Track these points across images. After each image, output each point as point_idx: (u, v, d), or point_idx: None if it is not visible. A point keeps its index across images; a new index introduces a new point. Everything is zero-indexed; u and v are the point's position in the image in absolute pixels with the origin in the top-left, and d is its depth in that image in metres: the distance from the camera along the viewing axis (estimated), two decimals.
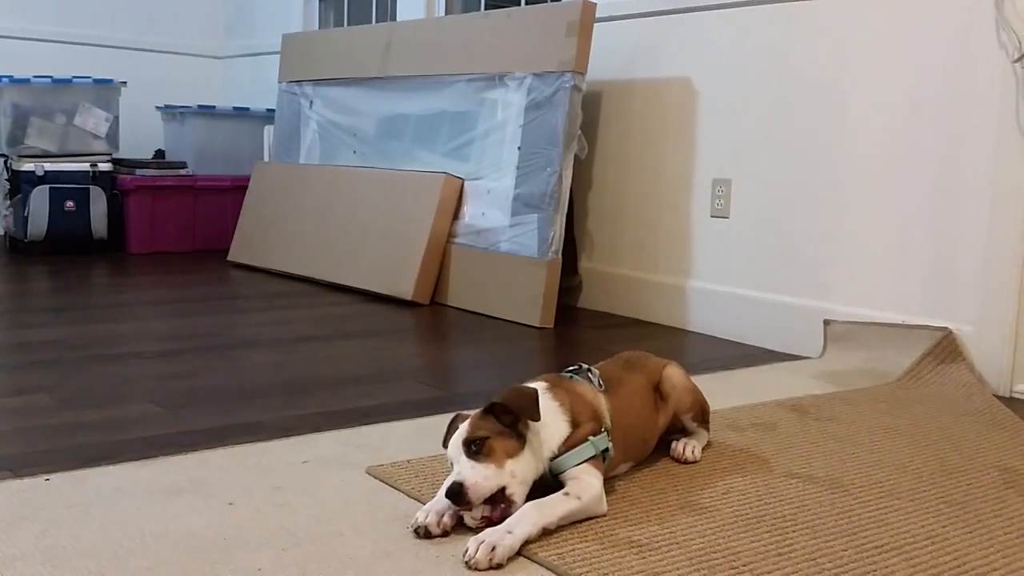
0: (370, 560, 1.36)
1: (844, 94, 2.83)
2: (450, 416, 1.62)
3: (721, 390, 2.28)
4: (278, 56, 4.67)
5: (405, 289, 3.54)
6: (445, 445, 1.56)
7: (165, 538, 1.41)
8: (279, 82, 4.61)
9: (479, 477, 1.44)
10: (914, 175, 2.68)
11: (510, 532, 1.38)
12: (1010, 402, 2.43)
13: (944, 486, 1.74)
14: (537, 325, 3.20)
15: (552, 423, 1.56)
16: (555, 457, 1.54)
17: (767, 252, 3.05)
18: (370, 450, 1.85)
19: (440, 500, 1.47)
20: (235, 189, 4.79)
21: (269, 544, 1.40)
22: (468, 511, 1.44)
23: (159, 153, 5.24)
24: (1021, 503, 1.67)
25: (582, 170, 3.58)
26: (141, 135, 5.26)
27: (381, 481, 1.67)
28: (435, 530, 1.43)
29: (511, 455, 1.48)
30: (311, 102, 4.41)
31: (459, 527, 1.46)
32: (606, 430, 1.60)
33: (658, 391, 1.83)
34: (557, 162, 3.25)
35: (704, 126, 3.23)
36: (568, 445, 1.55)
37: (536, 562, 1.36)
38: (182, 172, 4.87)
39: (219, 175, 4.90)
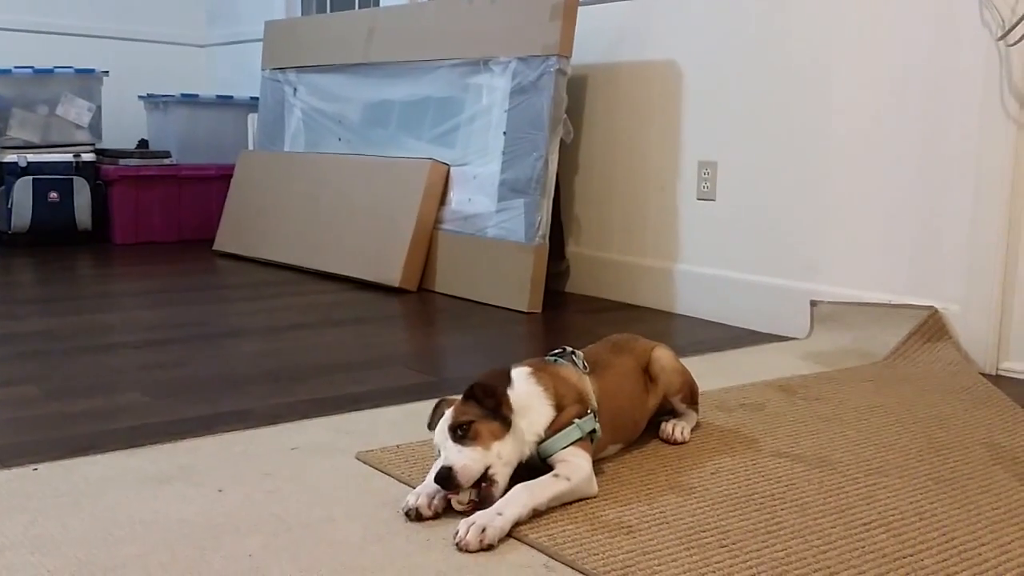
0: (361, 544, 1.36)
1: (829, 76, 2.83)
2: (437, 401, 1.62)
3: (709, 371, 2.28)
4: (261, 43, 4.64)
5: (392, 276, 3.53)
6: (431, 428, 1.56)
7: (154, 525, 1.41)
8: (262, 69, 4.59)
9: (467, 460, 1.44)
10: (899, 155, 2.69)
11: (500, 514, 1.38)
12: (996, 380, 2.44)
13: (931, 463, 1.75)
14: (525, 310, 3.20)
15: (537, 407, 1.56)
16: (541, 441, 1.55)
17: (753, 234, 3.05)
18: (359, 436, 1.85)
19: (430, 484, 1.47)
20: (220, 178, 4.77)
21: (259, 530, 1.40)
22: (456, 495, 1.45)
23: (142, 143, 5.22)
24: (1008, 479, 1.68)
25: (568, 154, 3.58)
26: (124, 125, 5.23)
27: (371, 466, 1.67)
28: (426, 512, 1.44)
29: (496, 437, 1.48)
30: (295, 89, 4.39)
31: (449, 509, 1.46)
32: (592, 412, 1.60)
33: (647, 373, 1.83)
34: (543, 147, 3.25)
35: (690, 109, 3.23)
36: (554, 428, 1.55)
37: (526, 543, 1.36)
38: (166, 162, 4.85)
39: (203, 164, 4.88)
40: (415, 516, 1.44)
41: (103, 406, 2.05)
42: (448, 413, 1.52)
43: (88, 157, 4.67)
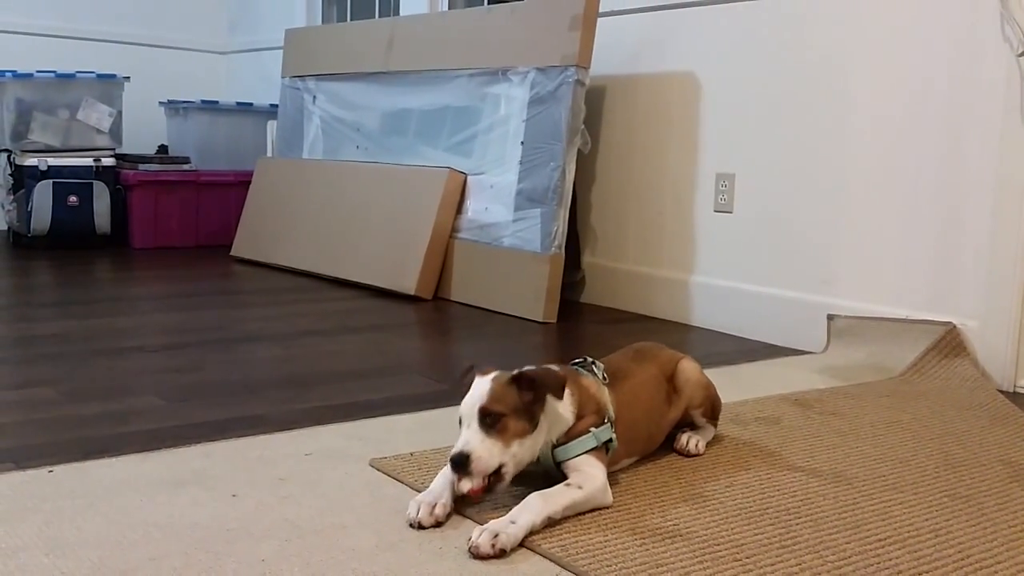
0: (373, 552, 1.36)
1: (848, 89, 2.83)
2: (469, 365, 1.61)
3: (725, 385, 2.26)
4: (281, 51, 4.66)
5: (408, 284, 3.54)
6: (460, 385, 1.56)
7: (168, 529, 1.41)
8: (282, 77, 4.61)
9: (486, 452, 1.45)
10: (918, 169, 2.68)
11: (513, 522, 1.38)
12: (1014, 397, 2.42)
13: (948, 480, 1.74)
14: (540, 320, 3.20)
15: (559, 412, 1.56)
16: (556, 446, 1.55)
17: (770, 247, 3.04)
18: (373, 443, 1.85)
19: (432, 491, 1.48)
20: (238, 184, 4.79)
21: (272, 536, 1.40)
22: (462, 480, 1.45)
23: (162, 148, 5.25)
24: None
25: (585, 165, 3.58)
26: (144, 130, 5.26)
27: (384, 474, 1.67)
28: (427, 521, 1.44)
29: (519, 436, 1.48)
30: (314, 97, 4.41)
31: (455, 518, 1.46)
32: (609, 422, 1.60)
33: (671, 383, 1.82)
34: (560, 157, 3.25)
35: (708, 120, 3.22)
36: (570, 436, 1.55)
37: (539, 553, 1.36)
38: (185, 167, 4.88)
39: (222, 170, 4.90)
40: (417, 526, 1.44)
41: (119, 409, 2.06)
42: (484, 390, 1.50)
43: (108, 162, 4.70)
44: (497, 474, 1.46)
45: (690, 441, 1.83)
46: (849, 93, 2.82)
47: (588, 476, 1.52)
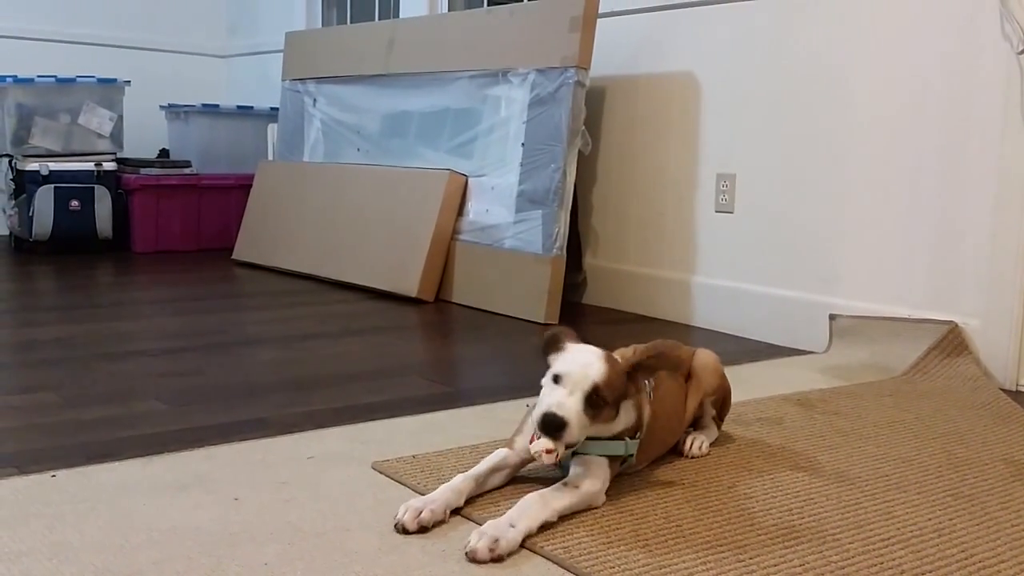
0: (376, 554, 1.36)
1: (848, 88, 2.82)
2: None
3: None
4: (281, 54, 4.67)
5: (410, 286, 3.54)
6: (548, 351, 1.55)
7: (171, 533, 1.41)
8: (282, 80, 4.62)
9: (579, 427, 1.45)
10: (919, 168, 2.67)
11: (513, 526, 1.38)
12: (1016, 395, 2.42)
13: (951, 479, 1.74)
14: (542, 321, 3.20)
15: (625, 420, 1.56)
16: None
17: (772, 247, 3.04)
18: (375, 446, 1.85)
19: (426, 497, 1.46)
20: (239, 188, 4.79)
21: (275, 539, 1.40)
22: (547, 443, 1.44)
23: (163, 152, 5.25)
24: None
25: (586, 166, 3.58)
26: (145, 134, 5.27)
27: (387, 476, 1.67)
28: (411, 526, 1.42)
29: (600, 423, 1.50)
30: (314, 100, 4.42)
31: (456, 519, 1.45)
32: (639, 436, 1.60)
33: (688, 377, 1.82)
34: (561, 158, 3.25)
35: (708, 121, 3.22)
36: (602, 433, 1.54)
37: (541, 555, 1.36)
38: (186, 171, 4.88)
39: (223, 174, 4.91)
40: (401, 530, 1.42)
41: (121, 413, 2.06)
42: (601, 369, 1.48)
43: (109, 166, 4.71)
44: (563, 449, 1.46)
45: (694, 443, 1.83)
46: (849, 92, 2.82)
47: (592, 477, 1.51)
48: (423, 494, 1.57)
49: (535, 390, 2.28)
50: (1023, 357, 2.49)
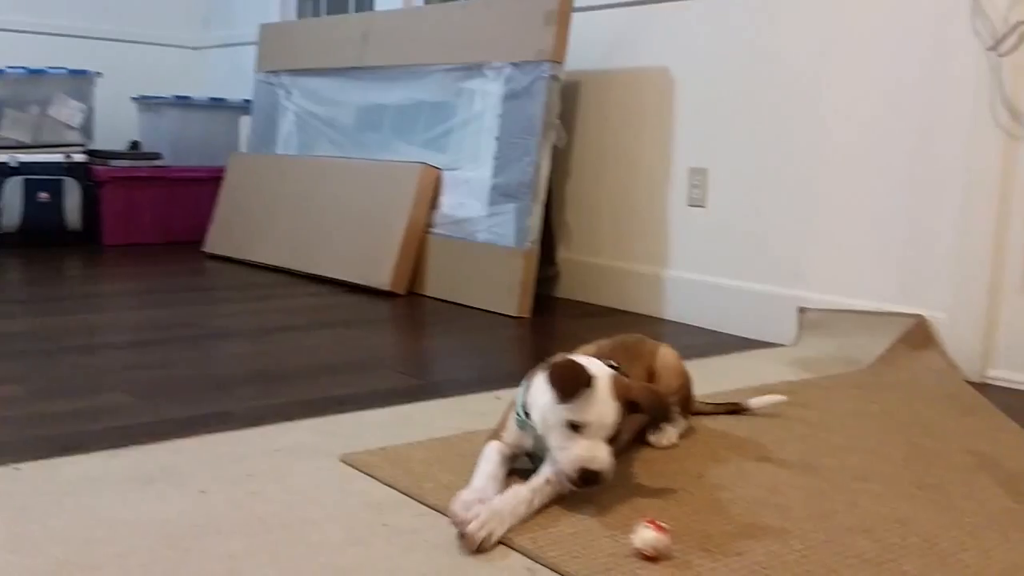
0: (342, 546, 1.36)
1: (821, 84, 2.84)
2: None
3: (697, 377, 2.26)
4: (255, 46, 4.64)
5: (383, 279, 3.53)
6: (572, 389, 1.47)
7: (136, 526, 1.40)
8: (256, 72, 4.59)
9: (610, 466, 1.47)
10: (889, 164, 2.70)
11: (501, 520, 1.38)
12: (982, 387, 2.45)
13: (915, 470, 1.76)
14: (514, 315, 3.20)
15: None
16: None
17: (743, 241, 3.06)
18: (344, 438, 1.84)
19: (474, 488, 1.45)
20: (211, 180, 4.75)
21: (240, 531, 1.39)
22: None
23: (134, 144, 5.20)
24: (991, 486, 1.68)
25: (560, 160, 3.58)
26: (116, 126, 5.21)
27: (355, 468, 1.67)
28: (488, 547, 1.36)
29: None
30: (288, 92, 4.39)
31: (424, 510, 1.45)
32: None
33: (649, 373, 1.83)
34: (535, 152, 3.25)
35: (681, 116, 3.23)
36: None
37: (509, 546, 1.36)
38: (157, 163, 4.83)
39: (195, 166, 4.87)
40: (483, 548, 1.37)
41: (87, 406, 2.04)
42: (612, 409, 1.47)
43: (79, 158, 4.65)
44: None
45: (663, 434, 1.84)
46: (821, 88, 2.84)
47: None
48: (392, 486, 1.58)
49: (505, 382, 2.29)
50: (989, 349, 2.52)
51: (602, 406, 1.47)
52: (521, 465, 1.61)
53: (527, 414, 1.55)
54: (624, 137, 3.42)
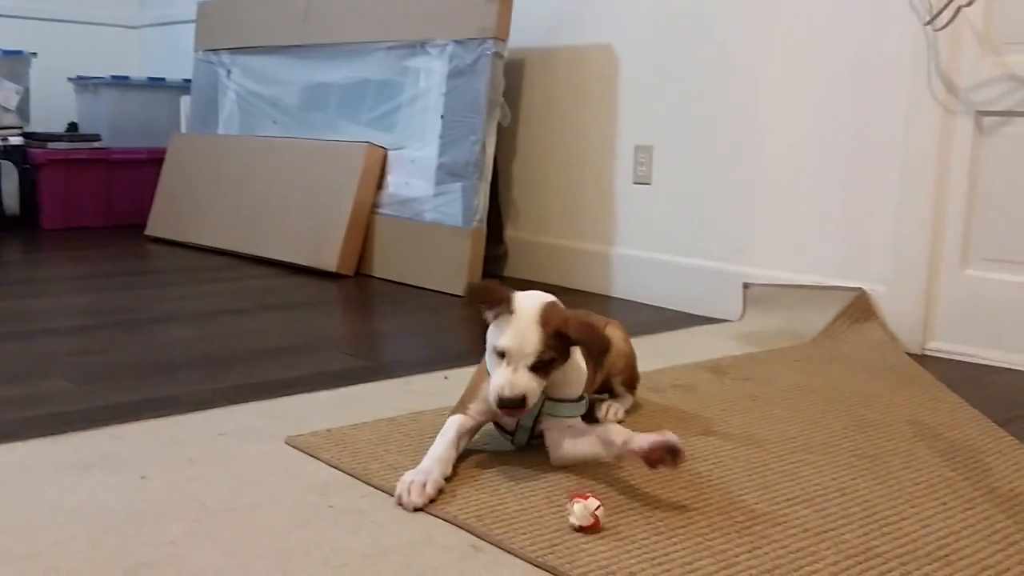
0: (287, 529, 1.35)
1: (761, 61, 2.86)
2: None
3: (643, 354, 2.27)
4: (194, 25, 4.55)
5: (329, 261, 3.50)
6: (473, 300, 1.54)
7: (75, 513, 1.38)
8: (195, 51, 4.50)
9: (535, 393, 1.48)
10: (829, 140, 2.73)
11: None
12: (922, 359, 2.50)
13: (856, 440, 1.79)
14: (462, 294, 3.19)
15: (578, 366, 1.59)
16: (547, 398, 1.56)
17: (688, 218, 3.08)
18: (290, 421, 1.82)
19: (421, 469, 1.46)
20: (152, 162, 4.66)
21: (182, 516, 1.38)
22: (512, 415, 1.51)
23: (72, 126, 5.08)
24: (930, 455, 1.72)
25: (506, 138, 3.57)
26: (53, 107, 5.09)
27: (300, 451, 1.66)
28: (419, 502, 1.41)
29: (559, 374, 1.53)
30: (229, 71, 4.32)
31: (370, 491, 1.45)
32: (585, 396, 1.64)
33: None
34: (480, 130, 3.24)
35: (626, 93, 3.24)
36: (563, 395, 1.58)
37: (454, 523, 1.36)
38: (96, 145, 4.73)
39: (135, 147, 4.77)
40: (411, 509, 1.41)
41: (26, 393, 2.00)
42: (536, 337, 1.47)
43: (16, 140, 4.53)
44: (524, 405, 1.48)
45: (609, 410, 1.85)
46: (761, 65, 2.86)
47: (581, 426, 1.57)
48: (337, 468, 1.57)
49: (453, 362, 2.29)
50: (928, 322, 2.57)
51: (524, 333, 1.47)
52: (501, 448, 1.61)
53: None
54: (569, 115, 3.41)
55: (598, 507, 1.34)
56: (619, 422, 1.83)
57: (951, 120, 2.49)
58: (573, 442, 1.56)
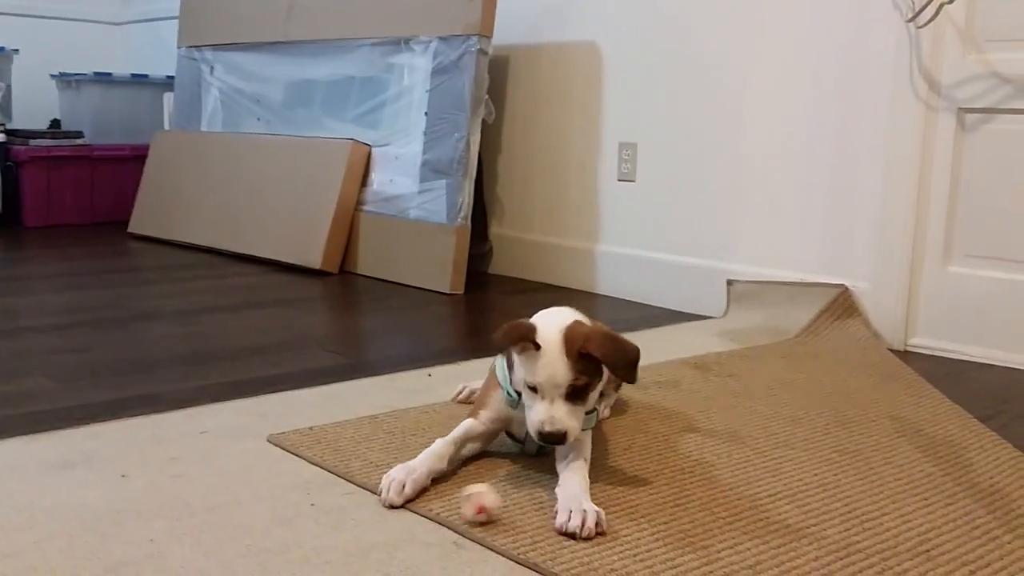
0: (268, 527, 1.34)
1: (746, 59, 2.87)
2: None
3: None
4: (177, 21, 4.52)
5: (313, 258, 3.49)
6: (507, 342, 1.48)
7: (54, 512, 1.37)
8: (178, 47, 4.48)
9: (575, 424, 1.45)
10: (812, 137, 2.73)
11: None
12: (904, 355, 2.51)
13: (837, 436, 1.79)
14: (447, 291, 3.19)
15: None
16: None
17: (672, 215, 3.08)
18: (273, 419, 1.82)
19: (406, 465, 1.44)
20: (135, 159, 4.64)
21: (162, 515, 1.37)
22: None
23: (55, 123, 5.06)
24: (911, 451, 1.72)
25: (490, 135, 3.56)
26: (36, 104, 5.06)
27: (283, 449, 1.65)
28: (397, 501, 1.40)
29: (593, 393, 1.49)
30: (212, 68, 4.30)
31: (353, 488, 1.44)
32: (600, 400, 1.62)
33: None
34: (465, 127, 3.23)
35: (610, 90, 3.24)
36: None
37: (436, 521, 1.36)
38: (79, 142, 4.70)
39: (118, 144, 4.75)
40: (387, 506, 1.40)
41: (6, 391, 1.98)
42: (566, 366, 1.43)
43: None
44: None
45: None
46: (747, 64, 2.86)
47: (587, 446, 1.53)
48: (320, 466, 1.56)
49: (437, 359, 2.29)
50: (910, 318, 2.58)
51: (552, 367, 1.44)
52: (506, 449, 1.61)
53: (519, 393, 1.53)
54: (554, 112, 3.41)
55: (485, 497, 1.33)
56: (604, 419, 1.83)
57: (933, 117, 2.50)
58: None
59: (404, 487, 1.42)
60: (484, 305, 3.09)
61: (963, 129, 2.47)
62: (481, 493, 1.34)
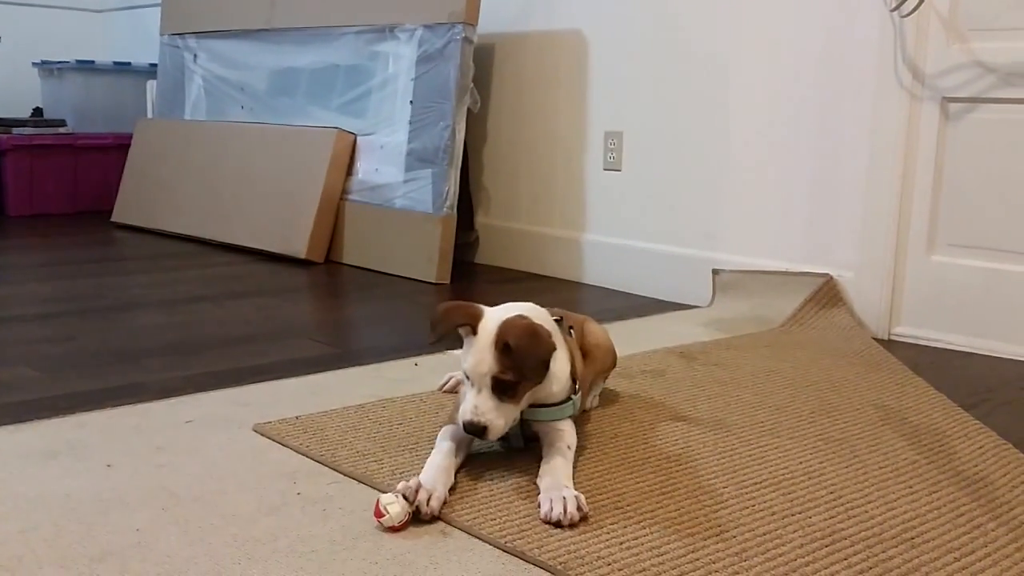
0: (254, 516, 1.34)
1: (729, 48, 2.87)
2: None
3: (614, 340, 2.29)
4: (159, 8, 4.49)
5: (298, 247, 3.47)
6: (436, 331, 1.47)
7: (39, 501, 1.36)
8: (161, 35, 4.44)
9: (501, 420, 1.43)
10: (797, 126, 2.74)
11: (567, 487, 1.38)
12: (888, 344, 2.52)
13: (822, 424, 1.80)
14: (433, 281, 3.18)
15: (561, 379, 1.53)
16: (533, 404, 1.51)
17: (658, 204, 3.09)
18: (258, 408, 1.81)
19: (428, 485, 1.35)
20: (118, 147, 4.61)
21: (148, 504, 1.36)
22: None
23: (37, 111, 5.01)
24: (895, 439, 1.73)
25: (476, 124, 3.56)
26: (17, 93, 5.02)
27: (269, 438, 1.65)
28: (438, 512, 1.34)
29: (526, 394, 1.47)
30: (195, 56, 4.27)
31: (340, 478, 1.44)
32: (579, 389, 1.60)
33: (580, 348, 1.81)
34: (450, 116, 3.22)
35: (596, 79, 3.23)
36: (550, 398, 1.53)
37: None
38: (61, 130, 4.67)
39: (101, 133, 4.72)
40: (429, 518, 1.33)
41: None
42: (491, 357, 1.40)
43: None
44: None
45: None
46: (732, 53, 2.87)
47: (568, 434, 1.52)
48: (306, 455, 1.56)
49: (424, 349, 2.28)
50: (894, 307, 2.60)
51: (479, 354, 1.42)
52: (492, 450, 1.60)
53: None
54: (539, 101, 3.41)
55: (398, 508, 1.30)
56: (592, 408, 1.84)
57: (917, 106, 2.51)
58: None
59: (430, 500, 1.33)
60: (470, 294, 3.09)
61: (947, 118, 2.48)
62: (378, 499, 1.30)
